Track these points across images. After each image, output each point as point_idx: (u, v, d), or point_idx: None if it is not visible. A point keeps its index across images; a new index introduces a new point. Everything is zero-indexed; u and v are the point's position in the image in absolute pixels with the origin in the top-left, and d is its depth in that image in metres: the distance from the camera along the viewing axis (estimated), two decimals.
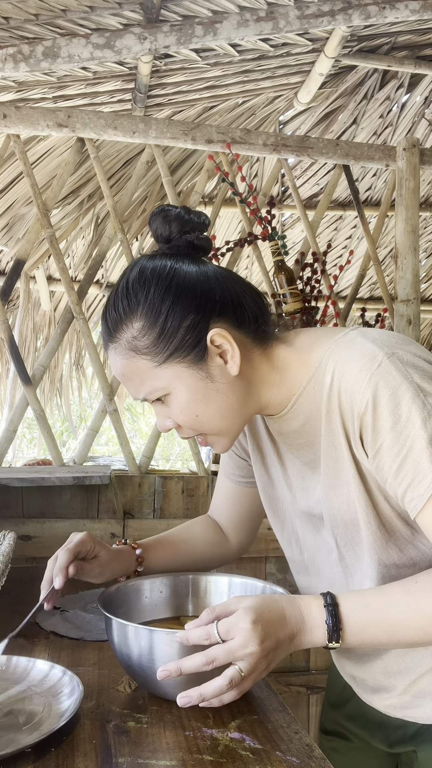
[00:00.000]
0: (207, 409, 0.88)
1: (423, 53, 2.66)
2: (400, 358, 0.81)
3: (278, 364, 0.92)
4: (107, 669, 1.01)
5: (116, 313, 0.88)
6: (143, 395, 0.90)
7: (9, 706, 0.85)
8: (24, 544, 1.78)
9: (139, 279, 0.88)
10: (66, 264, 2.52)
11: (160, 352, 0.86)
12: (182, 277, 0.87)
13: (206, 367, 0.87)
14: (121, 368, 0.90)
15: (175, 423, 0.91)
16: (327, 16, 2.08)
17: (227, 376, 0.88)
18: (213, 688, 0.76)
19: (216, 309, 0.88)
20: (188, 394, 0.88)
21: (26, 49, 1.96)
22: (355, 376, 0.82)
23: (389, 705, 0.98)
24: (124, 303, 0.88)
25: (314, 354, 0.90)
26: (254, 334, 0.92)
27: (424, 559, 0.89)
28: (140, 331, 0.86)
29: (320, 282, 2.10)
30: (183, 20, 2.05)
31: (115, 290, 0.90)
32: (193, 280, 0.88)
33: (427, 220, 3.80)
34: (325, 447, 0.89)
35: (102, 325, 0.92)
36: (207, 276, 0.89)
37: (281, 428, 0.96)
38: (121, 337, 0.88)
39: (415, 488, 0.79)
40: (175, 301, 0.86)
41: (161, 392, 0.89)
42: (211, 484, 1.98)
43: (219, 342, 0.87)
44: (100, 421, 2.05)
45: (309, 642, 0.81)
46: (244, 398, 0.91)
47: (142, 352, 0.87)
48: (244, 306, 0.91)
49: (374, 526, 0.87)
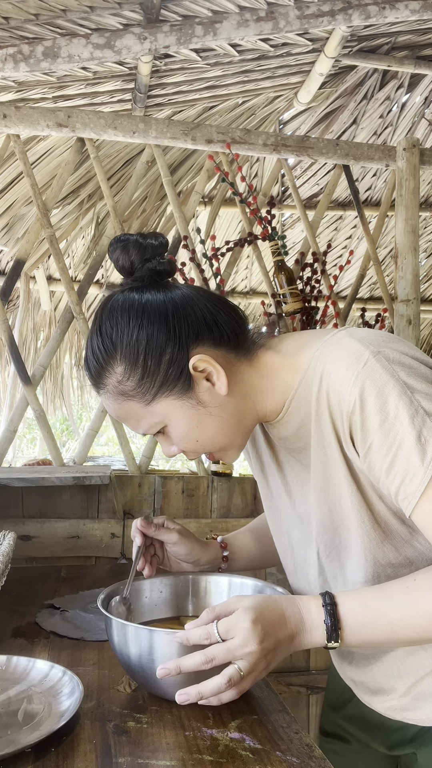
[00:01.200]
0: (205, 433, 0.90)
1: (423, 53, 2.66)
2: (386, 356, 0.82)
3: (267, 372, 0.93)
4: (107, 669, 1.01)
5: (96, 362, 0.90)
6: (143, 431, 0.92)
7: (9, 706, 0.85)
8: (24, 544, 1.78)
9: (111, 321, 0.89)
10: (66, 264, 2.52)
11: (147, 391, 0.88)
12: (152, 311, 0.88)
13: (195, 394, 0.88)
14: (115, 411, 0.92)
15: (179, 449, 0.93)
16: (327, 16, 2.08)
17: (217, 397, 0.89)
18: (212, 686, 0.76)
19: (192, 334, 0.88)
20: (184, 423, 0.89)
21: (26, 49, 1.96)
22: (342, 375, 0.82)
23: (389, 707, 0.98)
24: (101, 350, 0.89)
25: (303, 357, 0.90)
26: (236, 348, 0.92)
27: (421, 559, 0.89)
28: (123, 375, 0.88)
29: (320, 282, 2.10)
30: (183, 20, 2.05)
31: (91, 337, 0.91)
32: (164, 312, 0.88)
33: (427, 220, 3.80)
34: (315, 448, 0.89)
35: (87, 374, 0.94)
36: (175, 303, 0.89)
37: (280, 433, 0.96)
38: (108, 383, 0.90)
39: (407, 486, 0.79)
40: (150, 338, 0.87)
41: (158, 426, 0.91)
42: (211, 485, 1.98)
43: (202, 367, 0.88)
44: (100, 421, 2.05)
45: (308, 642, 0.81)
46: (240, 413, 0.92)
47: (130, 394, 0.88)
48: (219, 323, 0.91)
49: (368, 525, 0.87)
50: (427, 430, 0.78)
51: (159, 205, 3.23)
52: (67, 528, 1.82)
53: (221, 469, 2.02)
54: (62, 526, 1.82)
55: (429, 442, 0.77)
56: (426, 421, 0.78)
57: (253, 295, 4.27)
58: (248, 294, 4.28)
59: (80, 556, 1.83)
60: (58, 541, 1.81)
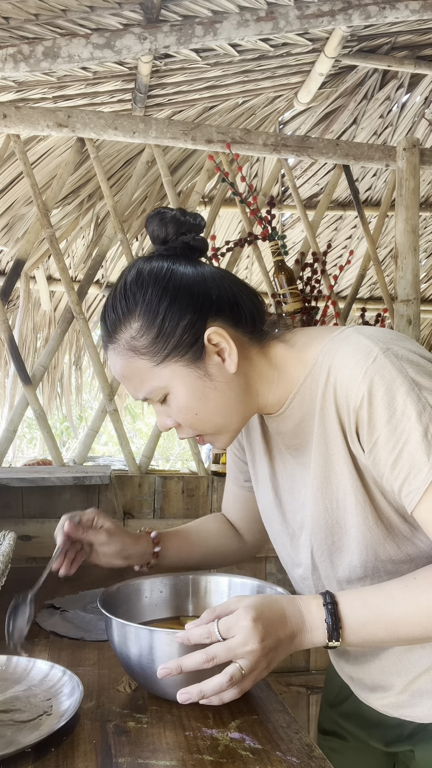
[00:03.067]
0: (206, 407, 0.89)
1: (423, 53, 2.66)
2: (395, 353, 0.82)
3: (276, 362, 0.93)
4: (107, 669, 1.01)
5: (115, 314, 0.90)
6: (143, 395, 0.91)
7: (9, 706, 0.85)
8: (24, 544, 1.78)
9: (136, 280, 0.89)
10: (66, 264, 2.52)
11: (159, 351, 0.87)
12: (179, 278, 0.88)
13: (204, 365, 0.88)
14: (120, 368, 0.91)
15: (175, 422, 0.92)
16: (327, 16, 2.08)
17: (225, 374, 0.89)
18: (213, 685, 0.76)
19: (213, 308, 0.89)
20: (187, 392, 0.88)
21: (26, 49, 1.96)
22: (351, 371, 0.83)
23: (386, 704, 0.98)
24: (122, 304, 0.89)
25: (311, 352, 0.90)
26: (251, 332, 0.93)
27: (421, 556, 0.89)
28: (138, 332, 0.87)
29: (320, 282, 2.10)
30: (183, 20, 2.05)
31: (114, 292, 0.91)
32: (190, 281, 0.89)
33: (427, 220, 3.80)
34: (317, 444, 0.90)
35: (101, 327, 0.93)
36: (203, 276, 0.90)
37: (279, 427, 0.96)
38: (120, 338, 0.89)
39: (412, 481, 0.79)
40: (173, 301, 0.87)
41: (160, 391, 0.89)
42: (211, 485, 1.98)
43: (216, 340, 0.88)
44: (100, 421, 2.05)
45: (309, 642, 0.81)
46: (243, 396, 0.91)
47: (141, 352, 0.88)
48: (240, 305, 0.92)
49: (371, 521, 0.87)
50: None
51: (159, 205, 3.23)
52: None
53: (221, 469, 2.02)
54: None
55: None
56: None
57: None
58: None
59: None
60: None
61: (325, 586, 0.96)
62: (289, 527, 1.01)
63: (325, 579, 0.96)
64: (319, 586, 0.97)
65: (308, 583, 0.99)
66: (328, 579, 0.95)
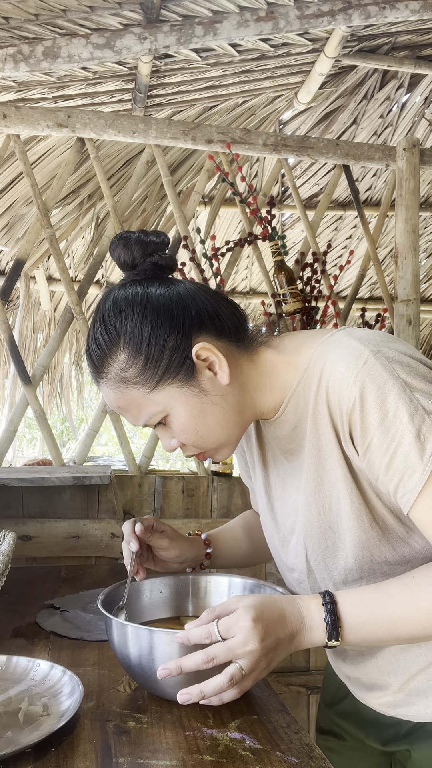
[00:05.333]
0: (206, 423, 0.90)
1: (423, 53, 2.66)
2: (385, 355, 0.82)
3: (266, 369, 0.93)
4: (107, 669, 1.01)
5: (99, 349, 0.90)
6: (143, 422, 0.91)
7: (9, 706, 0.85)
8: (24, 544, 1.78)
9: (114, 311, 0.89)
10: (66, 264, 2.52)
11: (150, 378, 0.87)
12: (155, 301, 0.89)
13: (197, 382, 0.88)
14: (115, 401, 0.91)
15: (179, 442, 0.93)
16: (327, 16, 2.08)
17: (219, 386, 0.90)
18: (213, 685, 0.76)
19: (195, 324, 0.89)
20: (186, 412, 0.89)
21: (26, 49, 1.96)
22: (342, 374, 0.83)
23: (383, 703, 0.98)
24: (104, 337, 0.89)
25: (302, 356, 0.91)
26: (237, 341, 0.93)
27: (417, 557, 0.89)
28: (126, 362, 0.88)
29: (320, 282, 2.10)
30: (183, 20, 2.05)
31: (94, 325, 0.91)
32: (167, 301, 0.89)
33: (427, 220, 3.80)
34: (310, 448, 0.90)
35: (88, 364, 0.93)
36: (179, 294, 0.90)
37: (276, 432, 0.97)
38: (110, 371, 0.89)
39: (406, 483, 0.79)
40: (154, 325, 0.87)
41: (159, 416, 0.90)
42: (211, 485, 1.98)
43: (205, 355, 0.88)
44: (100, 421, 2.05)
45: (309, 641, 0.81)
46: (240, 405, 0.92)
47: (133, 381, 0.88)
48: (220, 315, 0.92)
49: (366, 523, 0.87)
50: (426, 428, 0.78)
51: (159, 205, 3.23)
52: (67, 528, 1.82)
53: (221, 469, 2.02)
54: (62, 526, 1.82)
55: (428, 440, 0.78)
56: (425, 419, 0.78)
57: (253, 295, 4.27)
58: (248, 294, 4.28)
59: (80, 556, 1.83)
60: (58, 541, 1.81)
61: (322, 589, 0.96)
62: (281, 532, 1.02)
63: (321, 582, 0.96)
64: (316, 588, 0.98)
65: (305, 586, 1.00)
66: (324, 582, 0.95)
